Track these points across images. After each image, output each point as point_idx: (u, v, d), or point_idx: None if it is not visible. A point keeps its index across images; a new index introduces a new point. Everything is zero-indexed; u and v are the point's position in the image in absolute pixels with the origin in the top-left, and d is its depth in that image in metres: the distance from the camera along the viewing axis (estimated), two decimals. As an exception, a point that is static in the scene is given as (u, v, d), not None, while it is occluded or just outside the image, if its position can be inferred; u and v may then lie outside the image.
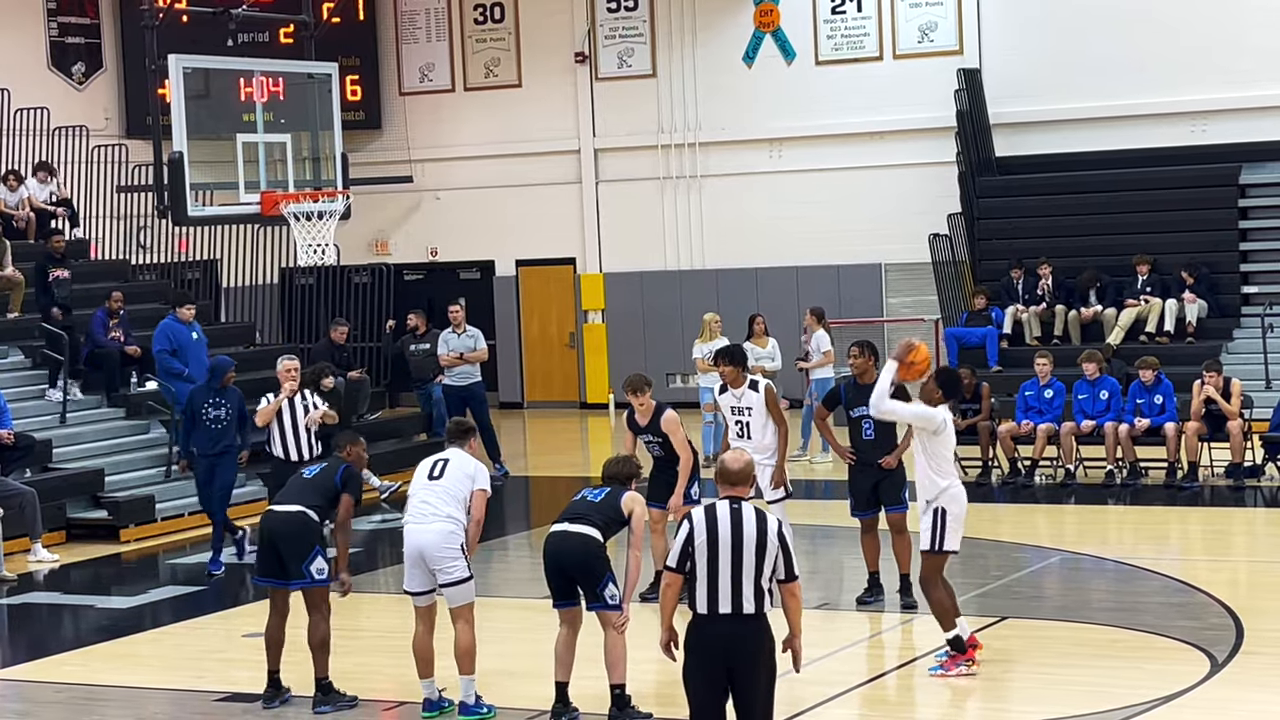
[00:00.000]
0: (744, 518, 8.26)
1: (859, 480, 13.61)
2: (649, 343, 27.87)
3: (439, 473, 11.06)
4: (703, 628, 8.22)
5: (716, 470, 8.47)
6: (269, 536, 11.34)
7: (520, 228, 28.64)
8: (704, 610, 8.20)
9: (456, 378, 21.63)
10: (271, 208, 20.78)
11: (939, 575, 11.56)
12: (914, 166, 26.02)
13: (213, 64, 21.21)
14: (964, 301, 25.04)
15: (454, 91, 29.24)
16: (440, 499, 10.98)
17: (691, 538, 8.23)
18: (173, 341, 19.68)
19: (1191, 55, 24.62)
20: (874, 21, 26.53)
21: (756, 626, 8.20)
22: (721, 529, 8.21)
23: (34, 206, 23.52)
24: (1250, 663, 11.64)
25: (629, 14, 28.03)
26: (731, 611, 8.15)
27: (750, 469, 8.45)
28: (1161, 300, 23.40)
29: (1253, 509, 18.09)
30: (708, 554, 8.17)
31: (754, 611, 8.17)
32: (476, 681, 10.97)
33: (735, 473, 8.40)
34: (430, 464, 11.18)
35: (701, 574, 8.18)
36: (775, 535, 8.26)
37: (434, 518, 10.92)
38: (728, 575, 8.14)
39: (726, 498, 8.34)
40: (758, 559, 8.18)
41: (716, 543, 8.18)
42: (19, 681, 12.66)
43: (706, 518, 8.25)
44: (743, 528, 8.23)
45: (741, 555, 8.16)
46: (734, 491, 8.38)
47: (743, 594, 8.15)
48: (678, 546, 8.27)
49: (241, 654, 13.05)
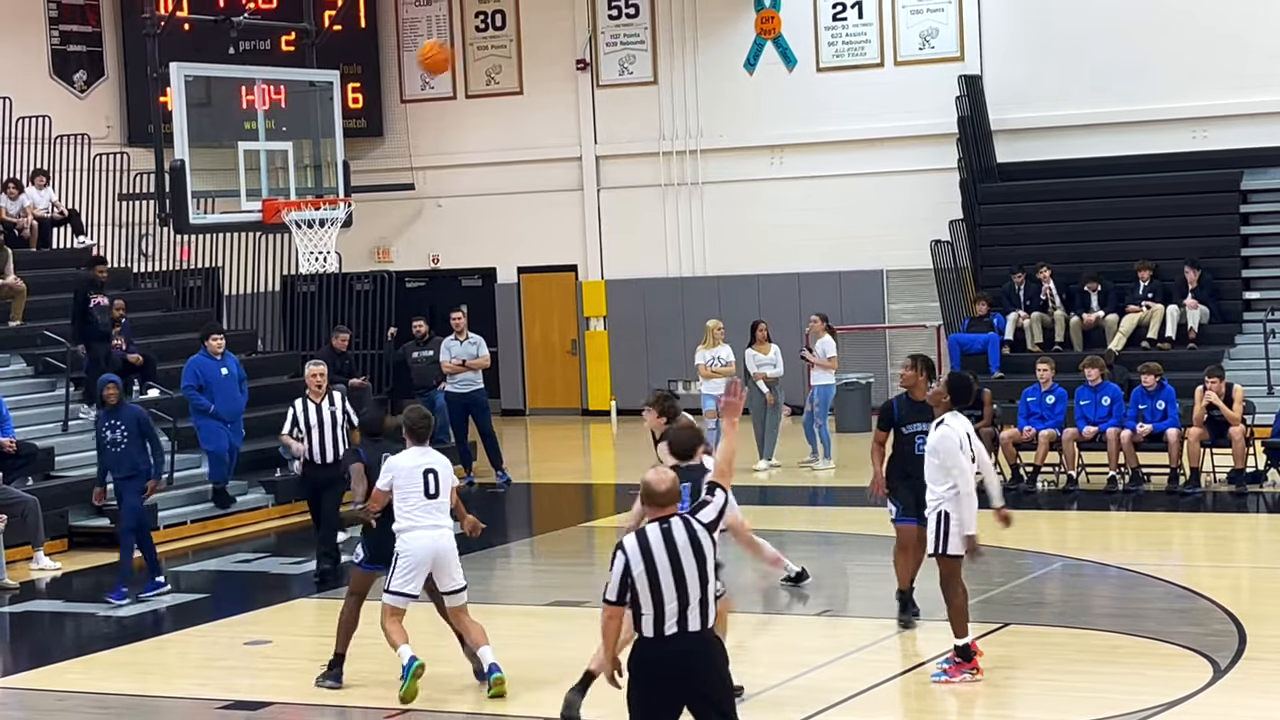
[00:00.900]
0: (674, 535, 7.95)
1: (906, 491, 13.04)
2: (650, 350, 27.89)
3: (435, 490, 11.41)
4: (650, 651, 7.91)
5: (641, 492, 8.08)
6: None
7: (522, 235, 28.66)
8: (650, 634, 7.91)
9: (459, 385, 21.64)
10: (273, 215, 20.79)
11: (956, 579, 11.55)
12: (915, 173, 26.03)
13: (214, 72, 21.22)
14: (966, 308, 25.04)
15: (455, 99, 29.27)
16: (441, 510, 11.45)
17: (629, 568, 7.91)
18: (199, 377, 19.32)
19: (1192, 61, 24.63)
20: (875, 28, 26.54)
21: (705, 641, 7.94)
22: (657, 554, 7.91)
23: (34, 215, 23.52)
24: (1253, 669, 11.63)
25: (630, 21, 28.06)
26: (678, 630, 7.88)
27: (676, 487, 8.04)
28: (1163, 306, 23.40)
29: (1255, 515, 18.09)
30: (649, 582, 7.87)
31: (700, 628, 7.91)
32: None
33: (662, 494, 8.02)
34: (422, 479, 11.41)
35: (646, 602, 7.88)
36: (707, 535, 7.98)
37: (445, 527, 11.45)
38: (674, 598, 7.86)
39: (655, 520, 8.00)
40: (700, 571, 7.92)
41: (655, 569, 7.87)
42: (21, 690, 12.65)
43: (640, 546, 7.92)
44: (676, 547, 7.92)
45: (684, 575, 7.89)
46: (662, 513, 8.01)
47: (688, 612, 7.87)
48: (615, 578, 7.93)
49: (244, 662, 13.05)
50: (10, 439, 17.66)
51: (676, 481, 8.06)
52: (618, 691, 8.05)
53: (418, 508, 11.31)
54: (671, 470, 8.23)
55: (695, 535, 7.97)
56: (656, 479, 8.04)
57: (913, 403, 12.94)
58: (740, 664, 12.18)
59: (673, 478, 8.06)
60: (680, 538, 7.93)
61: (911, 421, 12.86)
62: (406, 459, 11.43)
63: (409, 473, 11.37)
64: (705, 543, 7.97)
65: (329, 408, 16.36)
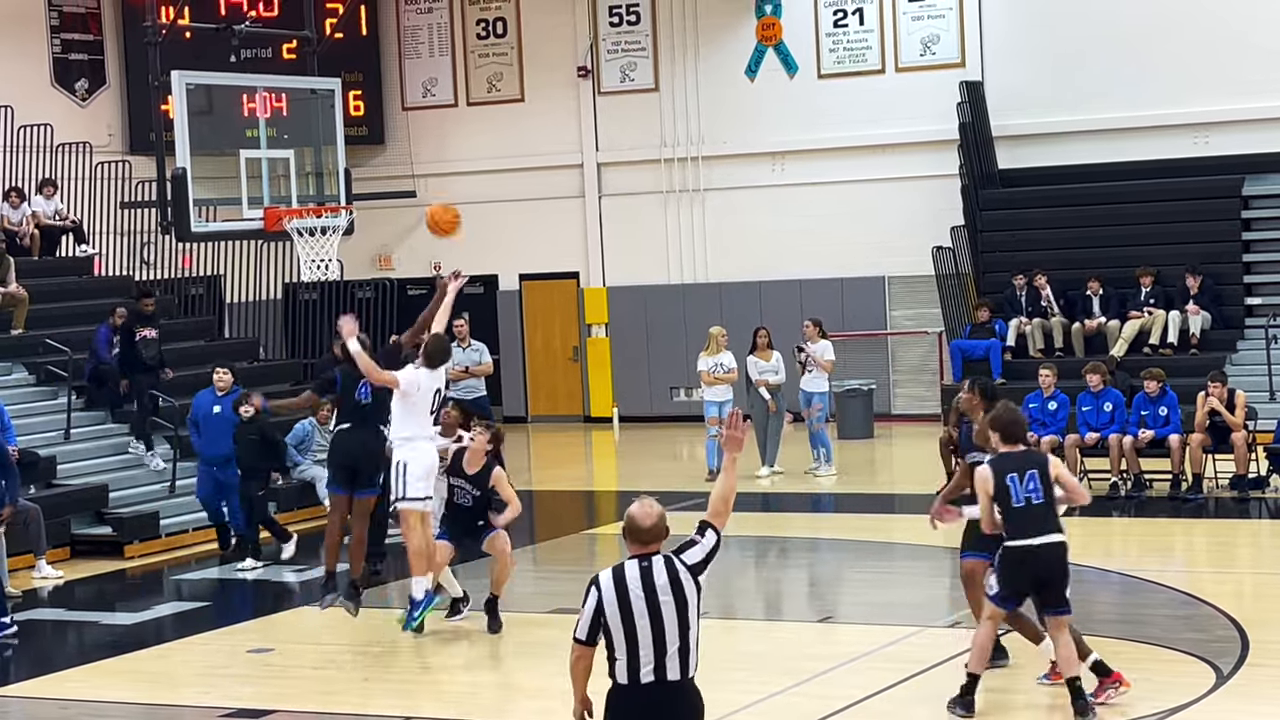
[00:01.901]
0: (654, 575, 7.37)
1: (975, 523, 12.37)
2: (652, 356, 27.89)
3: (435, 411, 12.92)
4: (624, 698, 7.38)
5: (624, 527, 7.51)
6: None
7: (523, 242, 28.66)
8: (624, 680, 7.36)
9: (461, 391, 21.63)
10: (275, 223, 20.80)
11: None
12: (917, 179, 26.03)
13: (216, 80, 21.24)
14: (967, 314, 25.04)
15: (457, 106, 29.28)
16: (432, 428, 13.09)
17: (601, 608, 7.37)
18: (195, 411, 18.22)
19: (1194, 67, 24.63)
20: (876, 35, 26.55)
21: (683, 691, 7.40)
22: (633, 594, 7.34)
23: (40, 223, 23.56)
24: (1256, 675, 11.63)
25: (631, 28, 28.07)
26: (655, 680, 7.33)
27: (662, 524, 7.46)
28: (1165, 312, 23.40)
29: (1257, 521, 18.09)
30: (623, 624, 7.32)
31: (679, 678, 7.36)
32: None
33: (646, 530, 7.44)
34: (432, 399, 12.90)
35: (620, 645, 7.34)
36: (691, 579, 7.40)
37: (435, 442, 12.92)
38: (649, 643, 7.30)
39: (635, 557, 7.44)
40: (680, 618, 7.34)
41: (630, 611, 7.32)
42: (24, 698, 12.66)
43: (615, 583, 7.37)
44: (655, 589, 7.34)
45: (661, 619, 7.32)
46: (644, 550, 7.44)
47: (666, 660, 7.33)
48: (586, 616, 7.40)
49: (246, 670, 13.05)
50: (13, 447, 17.64)
51: (663, 518, 7.47)
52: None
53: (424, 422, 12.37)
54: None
55: (677, 577, 7.40)
56: (641, 513, 7.46)
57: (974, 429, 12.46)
58: (741, 671, 12.22)
59: (659, 513, 7.46)
60: (660, 579, 7.37)
61: (971, 450, 12.21)
62: (426, 378, 11.89)
63: (425, 391, 12.44)
64: (688, 586, 7.40)
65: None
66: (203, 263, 25.68)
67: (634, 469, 24.10)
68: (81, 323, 21.39)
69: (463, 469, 13.25)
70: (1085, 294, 24.05)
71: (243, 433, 17.31)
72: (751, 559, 17.54)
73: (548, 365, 29.05)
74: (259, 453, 17.45)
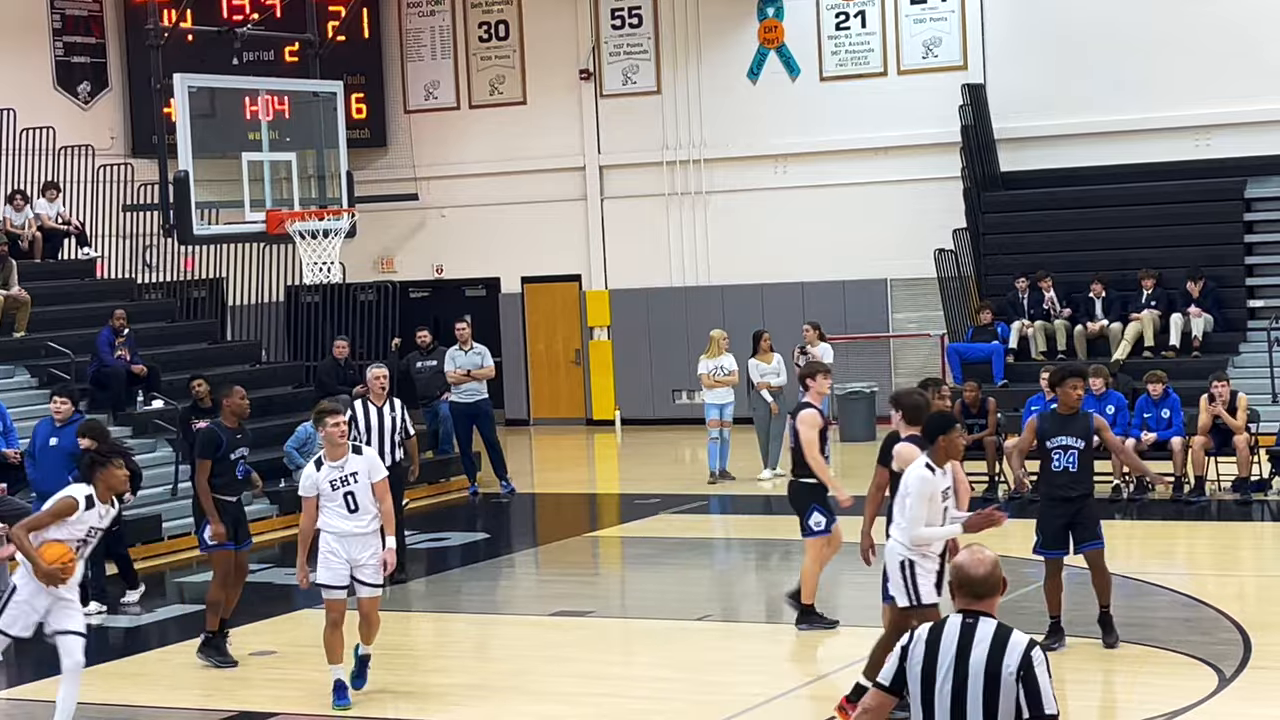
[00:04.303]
0: (974, 640, 6.19)
1: (1050, 516, 12.52)
2: (655, 359, 27.90)
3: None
4: None
5: (952, 578, 6.39)
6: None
7: (525, 245, 28.67)
8: None
9: (463, 395, 21.64)
10: (277, 226, 20.82)
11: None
12: (919, 182, 26.03)
13: (218, 83, 21.25)
14: (969, 317, 25.04)
15: (459, 109, 29.29)
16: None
17: (906, 656, 6.33)
18: (32, 442, 16.30)
19: (1196, 69, 24.63)
20: (878, 37, 26.56)
21: None
22: (944, 653, 6.22)
23: (44, 226, 23.58)
24: (1258, 677, 11.62)
25: (633, 31, 28.08)
26: None
27: (996, 575, 6.30)
28: (1167, 314, 23.39)
29: (1260, 523, 18.08)
30: (922, 684, 6.25)
31: None
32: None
33: (977, 580, 6.28)
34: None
35: (915, 707, 6.29)
36: (1014, 670, 6.12)
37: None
38: (946, 714, 6.22)
39: (962, 611, 6.29)
40: (986, 699, 6.13)
41: (934, 670, 6.22)
42: (26, 701, 12.66)
43: (929, 635, 6.28)
44: (970, 654, 6.17)
45: (965, 691, 6.16)
46: (975, 605, 6.27)
47: None
48: (892, 661, 6.36)
49: (249, 672, 13.04)
50: (15, 450, 17.64)
51: (997, 567, 6.33)
52: None
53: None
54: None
55: (1000, 656, 6.14)
56: (971, 561, 6.34)
57: (1061, 417, 12.53)
58: (749, 673, 12.23)
59: (993, 561, 6.34)
60: (980, 648, 6.17)
61: (1057, 434, 12.43)
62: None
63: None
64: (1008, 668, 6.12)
65: (390, 413, 16.07)
66: (205, 265, 25.70)
67: (636, 472, 24.09)
68: (83, 326, 21.41)
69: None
70: (1088, 296, 24.04)
71: None
72: (754, 561, 17.56)
73: (550, 368, 29.05)
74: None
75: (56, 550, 10.64)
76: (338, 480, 11.55)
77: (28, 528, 10.78)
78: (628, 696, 11.95)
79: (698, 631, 13.85)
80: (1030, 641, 6.15)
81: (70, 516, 10.71)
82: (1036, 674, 6.10)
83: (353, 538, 11.58)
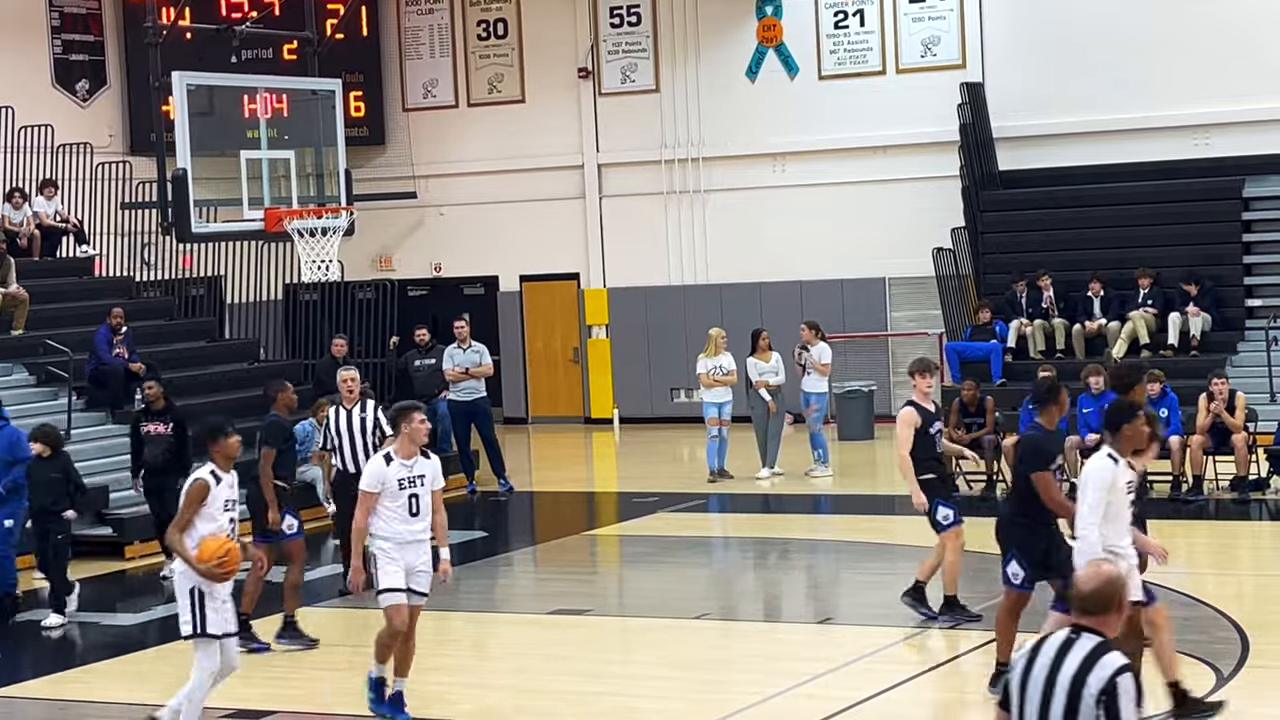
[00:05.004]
0: (1069, 655, 5.98)
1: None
2: (653, 358, 27.89)
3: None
4: None
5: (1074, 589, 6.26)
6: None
7: (524, 243, 28.67)
8: None
9: (462, 393, 21.64)
10: (275, 224, 20.81)
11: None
12: (917, 181, 26.02)
13: (216, 81, 21.24)
14: (968, 315, 25.04)
15: (457, 107, 29.29)
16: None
17: (1011, 667, 6.22)
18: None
19: (1195, 68, 24.63)
20: (877, 36, 26.56)
21: None
22: (1039, 666, 6.04)
23: (42, 224, 23.58)
24: (1256, 676, 11.63)
25: (632, 29, 28.07)
26: None
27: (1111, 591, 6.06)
28: (1165, 313, 23.39)
29: (1258, 522, 18.08)
30: (1018, 699, 6.08)
31: None
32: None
33: (1083, 595, 6.08)
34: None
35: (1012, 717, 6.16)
36: (1096, 692, 5.89)
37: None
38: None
39: (1072, 625, 6.10)
40: (1065, 717, 5.94)
41: (1026, 686, 6.05)
42: (23, 699, 12.65)
43: (1033, 647, 6.12)
44: (1060, 669, 5.98)
45: (1049, 706, 5.98)
46: (1084, 620, 6.06)
47: None
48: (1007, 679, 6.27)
49: (246, 670, 13.02)
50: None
51: (1112, 584, 6.08)
52: None
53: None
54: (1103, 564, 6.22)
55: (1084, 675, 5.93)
56: (1084, 575, 6.15)
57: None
58: (747, 672, 12.23)
59: (1106, 576, 6.11)
60: (1070, 664, 5.98)
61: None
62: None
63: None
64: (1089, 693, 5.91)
65: (359, 414, 16.00)
66: (203, 263, 25.70)
67: (634, 470, 24.09)
68: (82, 323, 21.41)
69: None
70: (1086, 295, 24.04)
71: (42, 472, 15.26)
72: (751, 560, 17.56)
73: (548, 366, 29.05)
74: (61, 492, 15.29)
75: (211, 546, 10.53)
76: (405, 480, 10.97)
77: (180, 528, 10.63)
78: (626, 695, 11.95)
79: (696, 630, 13.85)
80: (1121, 667, 5.89)
81: (206, 498, 10.63)
82: (1120, 702, 5.87)
83: (410, 544, 11.01)
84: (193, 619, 10.59)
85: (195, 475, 10.79)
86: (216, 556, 10.50)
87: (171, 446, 16.78)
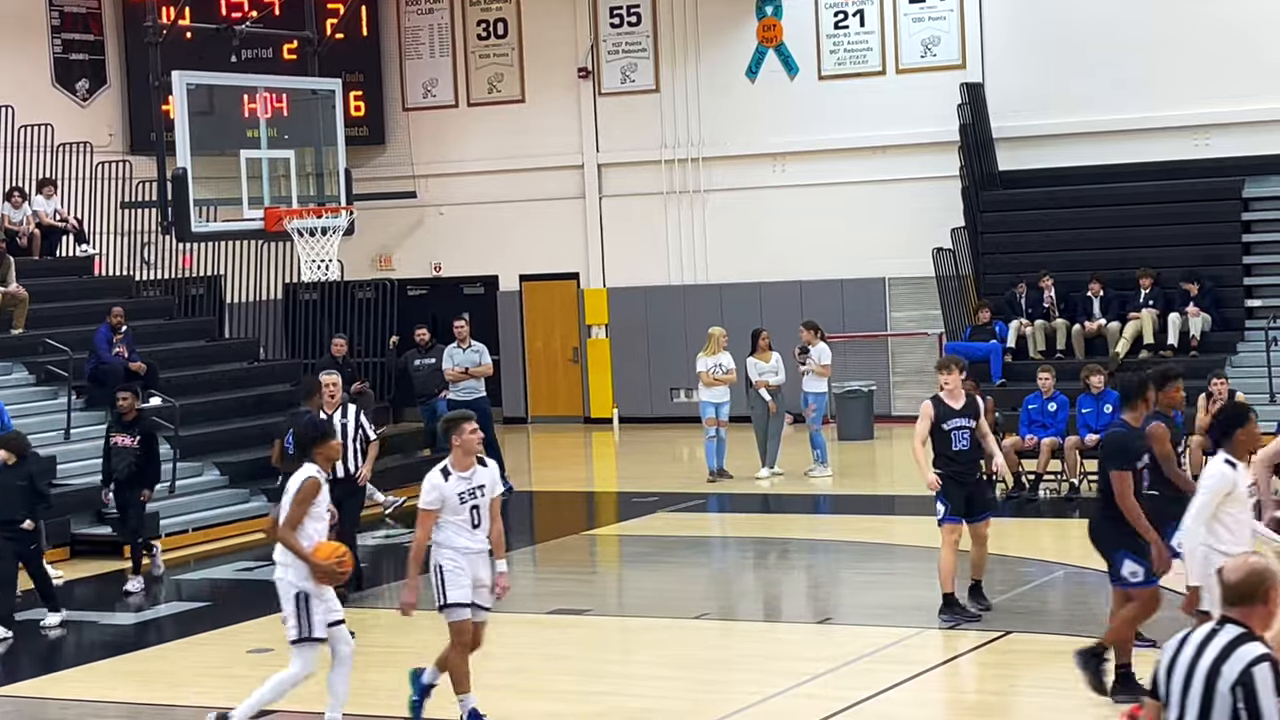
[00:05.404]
0: (1210, 645, 5.97)
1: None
2: (652, 357, 27.90)
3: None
4: None
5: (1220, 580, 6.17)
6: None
7: (524, 243, 28.68)
8: None
9: (461, 393, 21.64)
10: (275, 224, 20.82)
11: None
12: (917, 181, 26.03)
13: (216, 80, 21.25)
14: (967, 316, 25.05)
15: (457, 107, 29.29)
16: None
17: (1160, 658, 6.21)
18: None
19: (1195, 69, 24.63)
20: (877, 36, 26.56)
21: None
22: (1180, 660, 6.05)
23: (41, 223, 23.59)
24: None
25: (632, 29, 28.08)
26: None
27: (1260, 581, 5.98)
28: (1165, 314, 23.40)
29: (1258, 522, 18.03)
30: (1165, 687, 6.10)
31: None
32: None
33: (1228, 586, 6.03)
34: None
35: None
36: (1231, 681, 5.85)
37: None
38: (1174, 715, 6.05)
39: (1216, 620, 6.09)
40: (1202, 706, 5.91)
41: (1171, 676, 6.06)
42: (23, 698, 12.66)
43: (1183, 637, 6.13)
44: (1201, 659, 5.96)
45: (1188, 695, 5.97)
46: (1230, 611, 6.02)
47: None
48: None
49: (246, 670, 13.04)
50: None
51: (1255, 575, 6.01)
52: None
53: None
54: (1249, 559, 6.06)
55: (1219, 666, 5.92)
56: (1230, 566, 6.09)
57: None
58: (746, 671, 12.23)
59: (1254, 568, 6.03)
60: (1210, 653, 5.97)
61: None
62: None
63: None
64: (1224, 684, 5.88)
65: (340, 419, 15.90)
66: (203, 263, 25.70)
67: (634, 470, 24.10)
68: (81, 323, 21.42)
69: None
70: (1086, 295, 24.05)
71: (7, 479, 14.76)
72: (751, 560, 17.56)
73: (548, 366, 29.05)
74: (21, 502, 14.81)
75: (329, 547, 10.47)
76: (466, 493, 10.63)
77: (291, 526, 10.51)
78: (625, 695, 11.96)
79: (695, 630, 13.85)
80: (1259, 656, 5.82)
81: (318, 495, 10.56)
82: (1259, 691, 5.79)
83: (473, 556, 10.67)
84: (299, 624, 10.53)
85: (305, 474, 10.60)
86: (336, 555, 10.47)
87: (137, 459, 16.60)
